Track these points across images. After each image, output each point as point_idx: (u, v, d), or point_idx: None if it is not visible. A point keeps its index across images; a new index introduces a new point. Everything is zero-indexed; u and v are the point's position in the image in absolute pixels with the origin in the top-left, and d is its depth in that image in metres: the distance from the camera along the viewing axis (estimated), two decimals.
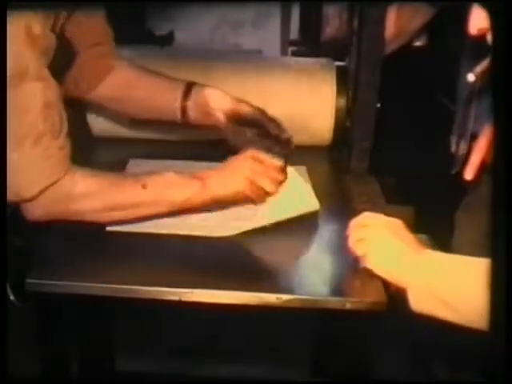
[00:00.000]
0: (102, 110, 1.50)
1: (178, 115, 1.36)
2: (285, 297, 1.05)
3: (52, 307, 1.50)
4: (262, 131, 1.33)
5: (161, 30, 2.22)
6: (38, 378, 1.43)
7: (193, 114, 1.35)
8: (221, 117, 1.33)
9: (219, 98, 1.34)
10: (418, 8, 1.73)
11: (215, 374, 2.01)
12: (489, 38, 1.01)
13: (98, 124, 1.58)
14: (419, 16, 1.76)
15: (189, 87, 1.35)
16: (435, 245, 1.18)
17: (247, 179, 1.18)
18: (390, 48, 1.68)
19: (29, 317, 1.35)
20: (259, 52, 2.02)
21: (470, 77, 1.03)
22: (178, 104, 1.35)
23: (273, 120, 1.34)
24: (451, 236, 1.70)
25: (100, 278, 1.08)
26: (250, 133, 1.34)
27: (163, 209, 1.17)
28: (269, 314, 1.12)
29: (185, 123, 1.37)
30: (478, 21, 1.03)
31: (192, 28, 2.30)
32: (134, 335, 2.05)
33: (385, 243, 1.06)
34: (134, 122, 1.52)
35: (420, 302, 1.01)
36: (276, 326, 1.95)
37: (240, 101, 1.35)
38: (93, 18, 1.30)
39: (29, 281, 1.06)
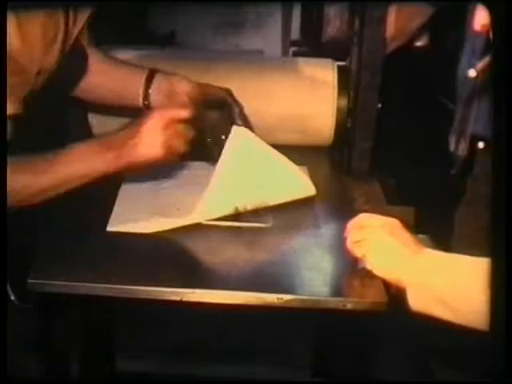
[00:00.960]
0: None
1: (140, 100, 1.36)
2: (286, 297, 1.05)
3: (52, 307, 1.50)
4: (226, 115, 1.33)
5: (162, 31, 2.22)
6: (38, 378, 1.43)
7: (155, 97, 1.36)
8: (185, 100, 1.34)
9: (184, 82, 1.35)
10: (417, 8, 1.73)
11: (215, 374, 2.01)
12: (491, 34, 1.02)
13: (99, 123, 1.58)
14: (418, 16, 1.76)
15: (152, 73, 1.37)
16: (436, 245, 1.18)
17: (163, 144, 1.14)
18: (390, 48, 1.68)
19: (29, 317, 1.35)
20: (260, 52, 2.02)
21: (471, 72, 1.03)
22: (140, 88, 1.36)
23: (238, 103, 1.34)
24: (451, 236, 1.70)
25: (101, 279, 1.08)
26: (214, 116, 1.34)
27: (84, 181, 1.14)
28: (270, 314, 1.12)
29: (147, 108, 1.36)
30: (482, 17, 1.03)
31: (193, 28, 2.30)
32: (135, 335, 2.06)
33: (382, 244, 1.06)
34: (97, 108, 1.52)
35: (418, 301, 1.01)
36: (277, 326, 1.95)
37: (205, 84, 1.35)
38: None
39: (30, 281, 1.06)
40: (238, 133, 1.29)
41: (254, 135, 1.31)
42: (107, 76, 1.39)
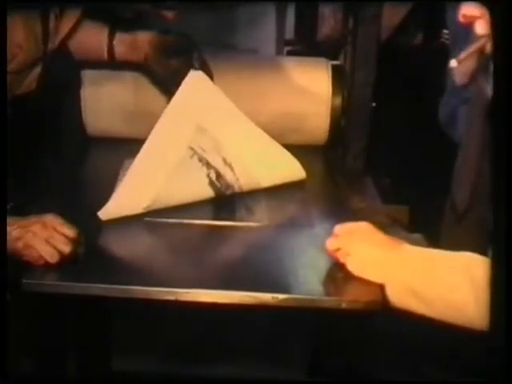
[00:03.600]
0: None
1: (105, 52, 1.42)
2: (281, 296, 1.05)
3: (48, 307, 1.49)
4: (188, 61, 1.36)
5: (156, 30, 2.21)
6: (35, 377, 1.43)
7: (119, 49, 1.42)
8: (147, 48, 1.39)
9: (144, 32, 1.41)
10: (395, 6, 1.75)
11: (212, 373, 2.00)
12: (477, 27, 1.02)
13: (94, 123, 1.58)
14: (397, 13, 1.78)
15: (113, 27, 1.43)
16: (429, 244, 1.18)
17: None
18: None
19: (25, 316, 1.35)
20: (255, 51, 2.02)
21: (453, 63, 1.03)
22: (105, 41, 1.41)
23: (198, 48, 1.38)
24: (444, 235, 1.70)
25: (96, 278, 1.08)
26: (176, 63, 1.38)
27: None
28: (265, 313, 1.12)
29: (111, 59, 1.43)
30: (467, 9, 1.03)
31: (187, 27, 2.29)
32: (132, 334, 2.05)
33: (356, 250, 1.10)
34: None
35: (395, 295, 1.04)
36: (272, 326, 1.95)
37: (165, 32, 1.41)
38: None
39: (25, 281, 1.06)
40: (193, 77, 1.31)
41: (210, 81, 1.34)
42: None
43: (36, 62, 1.36)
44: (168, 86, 1.39)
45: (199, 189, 1.32)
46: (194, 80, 1.32)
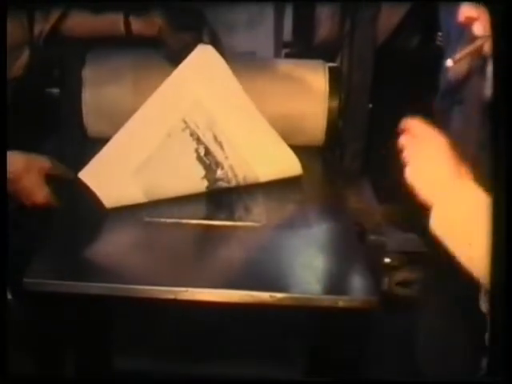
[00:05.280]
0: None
1: (122, 27, 1.48)
2: (278, 295, 1.06)
3: (47, 306, 1.50)
4: (198, 35, 1.41)
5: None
6: (35, 377, 1.43)
7: (135, 23, 1.47)
8: (161, 22, 1.44)
9: (159, 8, 1.46)
10: (392, 7, 1.75)
11: (210, 373, 2.01)
12: (475, 28, 1.02)
13: (94, 124, 1.58)
14: (395, 14, 1.78)
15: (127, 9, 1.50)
16: (423, 242, 1.19)
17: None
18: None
19: (25, 315, 1.35)
20: (253, 54, 2.02)
21: (449, 62, 1.03)
22: (121, 18, 1.47)
23: (208, 23, 1.45)
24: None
25: (96, 277, 1.09)
26: (187, 37, 1.43)
27: None
28: (263, 312, 1.13)
29: (128, 33, 1.48)
30: (467, 10, 1.03)
31: None
32: (132, 333, 2.05)
33: (427, 158, 1.04)
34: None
35: (438, 224, 0.99)
36: (269, 325, 1.95)
37: (175, 8, 1.46)
38: None
39: (26, 280, 1.06)
40: (201, 50, 1.32)
41: (219, 57, 1.34)
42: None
43: (20, 47, 1.39)
44: (179, 60, 1.40)
45: (187, 163, 1.33)
46: (202, 53, 1.33)
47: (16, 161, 1.20)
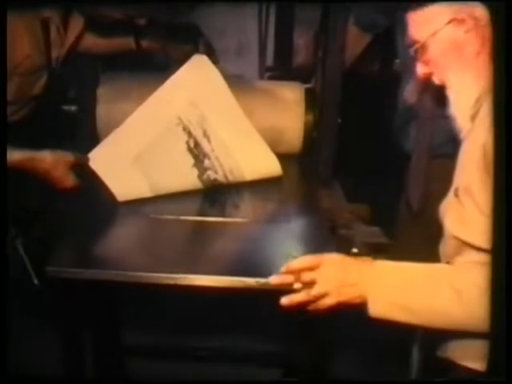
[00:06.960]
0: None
1: (134, 46, 1.64)
2: (262, 280, 1.05)
3: (66, 290, 1.48)
4: (195, 46, 1.52)
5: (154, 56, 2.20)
6: (35, 377, 1.39)
7: (143, 43, 1.63)
8: (163, 39, 1.61)
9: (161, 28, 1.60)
10: (357, 37, 1.76)
11: (205, 345, 1.98)
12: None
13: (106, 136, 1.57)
14: (359, 42, 1.79)
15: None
16: (386, 235, 1.18)
17: None
18: None
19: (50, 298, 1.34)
20: (241, 76, 2.02)
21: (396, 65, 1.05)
22: (132, 39, 1.63)
23: (203, 35, 1.58)
24: (399, 228, 1.72)
25: (106, 265, 1.08)
26: (186, 48, 1.55)
27: None
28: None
29: (139, 49, 1.64)
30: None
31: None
32: (138, 313, 2.03)
33: (331, 277, 0.98)
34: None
35: (379, 310, 0.96)
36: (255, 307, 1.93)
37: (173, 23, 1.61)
38: None
39: (49, 268, 1.05)
40: (196, 59, 1.33)
41: (212, 65, 1.35)
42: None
43: (40, 69, 1.40)
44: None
45: (179, 152, 1.34)
46: (196, 62, 1.33)
47: (44, 157, 1.26)
